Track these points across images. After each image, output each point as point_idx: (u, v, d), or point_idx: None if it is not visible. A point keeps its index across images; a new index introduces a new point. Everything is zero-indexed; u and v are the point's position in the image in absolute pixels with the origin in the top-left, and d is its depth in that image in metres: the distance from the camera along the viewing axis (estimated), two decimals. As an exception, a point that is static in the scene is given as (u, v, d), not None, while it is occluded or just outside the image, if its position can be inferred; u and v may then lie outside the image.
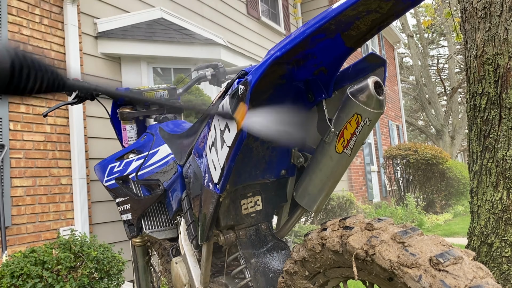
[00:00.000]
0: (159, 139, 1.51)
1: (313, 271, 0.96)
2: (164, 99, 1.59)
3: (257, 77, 0.82)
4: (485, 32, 2.40)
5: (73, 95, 1.73)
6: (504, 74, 2.33)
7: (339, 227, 0.88)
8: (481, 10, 2.42)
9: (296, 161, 1.11)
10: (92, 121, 3.87)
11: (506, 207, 2.31)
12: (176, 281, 1.36)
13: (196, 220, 1.16)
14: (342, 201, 6.30)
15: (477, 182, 2.48)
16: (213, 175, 0.99)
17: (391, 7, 0.80)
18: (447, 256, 0.69)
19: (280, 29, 7.66)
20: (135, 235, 1.60)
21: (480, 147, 2.46)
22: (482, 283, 0.65)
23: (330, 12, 0.78)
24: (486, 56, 2.40)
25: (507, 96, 2.32)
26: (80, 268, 2.44)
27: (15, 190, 3.19)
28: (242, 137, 0.85)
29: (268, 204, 1.18)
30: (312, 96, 1.01)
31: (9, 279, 2.19)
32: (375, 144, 10.43)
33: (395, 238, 0.76)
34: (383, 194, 10.42)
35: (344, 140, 0.94)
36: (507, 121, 2.32)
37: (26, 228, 3.23)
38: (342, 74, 1.02)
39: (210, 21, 5.74)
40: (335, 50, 0.93)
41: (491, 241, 2.35)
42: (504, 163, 2.33)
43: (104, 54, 4.11)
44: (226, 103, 0.92)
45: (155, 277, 1.97)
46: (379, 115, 0.90)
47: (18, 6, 3.41)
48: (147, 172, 1.45)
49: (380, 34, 11.70)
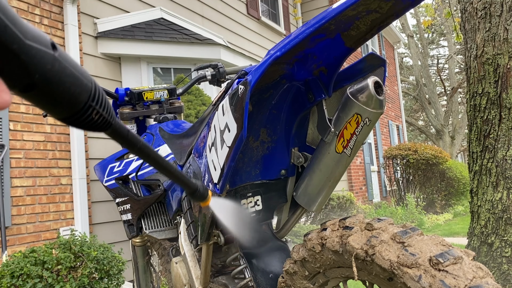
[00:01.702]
0: (159, 139, 1.51)
1: (313, 271, 0.96)
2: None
3: (257, 77, 0.82)
4: (485, 32, 2.40)
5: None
6: (504, 74, 2.33)
7: (339, 227, 0.88)
8: (481, 10, 2.42)
9: (296, 161, 1.11)
10: (92, 121, 3.86)
11: (506, 207, 2.31)
12: (176, 281, 1.36)
13: (196, 220, 1.16)
14: (342, 201, 6.30)
15: (477, 182, 2.48)
16: (213, 175, 0.99)
17: (391, 7, 0.80)
18: (447, 256, 0.69)
19: (280, 29, 7.66)
20: (135, 235, 1.60)
21: (480, 147, 2.46)
22: (482, 283, 0.65)
23: (330, 12, 0.78)
24: (486, 56, 2.40)
25: (507, 96, 2.32)
26: (80, 268, 2.44)
27: (15, 190, 3.19)
28: (242, 137, 0.85)
29: (268, 204, 1.18)
30: (312, 96, 1.01)
31: (9, 279, 2.19)
32: (375, 144, 10.43)
33: (395, 238, 0.76)
34: (383, 194, 10.42)
35: (344, 140, 0.94)
36: (507, 121, 2.32)
37: (26, 228, 3.23)
38: (342, 74, 1.02)
39: (210, 21, 5.74)
40: (335, 50, 0.93)
41: (491, 241, 2.35)
42: (504, 163, 2.33)
43: (104, 54, 4.11)
44: (226, 103, 0.92)
45: (155, 277, 1.97)
46: (379, 115, 0.90)
47: (18, 6, 3.41)
48: (147, 172, 1.46)
49: (380, 34, 11.70)
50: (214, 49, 4.63)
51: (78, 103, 0.43)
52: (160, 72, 4.63)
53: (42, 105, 0.41)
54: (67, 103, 0.42)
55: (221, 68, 1.83)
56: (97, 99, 0.46)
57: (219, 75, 1.83)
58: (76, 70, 0.43)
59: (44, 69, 0.38)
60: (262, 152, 1.10)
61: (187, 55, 4.44)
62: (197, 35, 4.70)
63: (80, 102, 0.43)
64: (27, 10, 3.48)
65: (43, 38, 0.38)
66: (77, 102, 0.43)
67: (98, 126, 0.48)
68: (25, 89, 0.38)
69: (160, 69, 4.61)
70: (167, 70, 4.63)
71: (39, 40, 0.37)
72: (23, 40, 0.35)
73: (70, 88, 0.42)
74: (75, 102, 0.43)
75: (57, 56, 0.40)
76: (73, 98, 0.42)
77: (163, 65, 4.57)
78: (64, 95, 0.41)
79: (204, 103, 4.01)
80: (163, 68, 4.61)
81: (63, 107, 0.42)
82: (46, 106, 0.42)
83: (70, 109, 0.43)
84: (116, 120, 0.51)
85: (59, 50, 0.40)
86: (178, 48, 4.38)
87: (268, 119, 1.06)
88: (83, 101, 0.44)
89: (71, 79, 0.42)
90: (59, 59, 0.40)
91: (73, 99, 0.43)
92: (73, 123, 0.45)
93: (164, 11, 4.74)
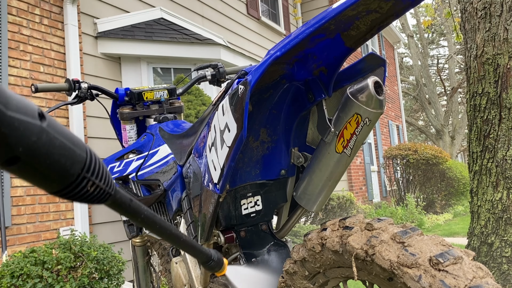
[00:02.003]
0: (159, 139, 1.51)
1: (313, 271, 0.96)
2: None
3: (256, 77, 0.82)
4: (485, 32, 2.40)
5: (73, 95, 1.73)
6: (504, 74, 2.33)
7: (339, 227, 0.88)
8: (481, 10, 2.42)
9: (296, 161, 1.11)
10: (92, 121, 3.87)
11: (506, 207, 2.31)
12: (176, 281, 1.36)
13: (196, 220, 1.16)
14: (342, 201, 6.30)
15: (477, 182, 2.48)
16: (213, 175, 0.99)
17: (391, 7, 0.80)
18: (447, 256, 0.69)
19: (280, 29, 7.66)
20: (135, 235, 1.60)
21: (480, 147, 2.46)
22: (482, 283, 0.65)
23: (330, 12, 0.78)
24: (486, 56, 2.40)
25: (507, 96, 2.32)
26: (80, 268, 2.44)
27: (15, 190, 3.19)
28: (242, 137, 0.85)
29: (268, 204, 1.18)
30: (312, 96, 1.01)
31: (9, 279, 2.19)
32: (375, 144, 10.43)
33: (395, 238, 0.76)
34: (383, 194, 10.43)
35: (344, 140, 0.94)
36: (507, 121, 2.32)
37: (26, 228, 3.23)
38: (342, 74, 1.02)
39: (210, 21, 5.74)
40: (335, 50, 0.93)
41: (491, 241, 2.35)
42: (504, 163, 2.33)
43: (104, 54, 4.11)
44: (226, 103, 0.92)
45: (155, 277, 1.97)
46: (379, 115, 0.90)
47: (18, 6, 3.41)
48: (147, 172, 1.45)
49: (380, 34, 11.70)
50: (214, 49, 4.63)
51: (70, 175, 0.40)
52: (160, 72, 4.63)
53: (30, 178, 0.38)
54: (57, 177, 0.39)
55: (221, 68, 1.83)
56: (93, 169, 0.43)
57: (219, 75, 1.83)
58: (67, 140, 0.40)
59: (28, 142, 0.35)
60: (262, 152, 1.10)
61: (187, 55, 4.44)
62: (197, 35, 4.70)
63: (72, 174, 0.40)
64: (27, 10, 3.48)
65: (30, 108, 0.36)
66: (69, 174, 0.40)
67: (95, 198, 0.45)
68: (7, 162, 0.35)
69: (160, 69, 4.61)
70: (167, 70, 4.63)
71: (23, 110, 0.35)
72: (4, 111, 0.33)
73: (60, 160, 0.39)
74: (66, 175, 0.40)
75: (45, 127, 0.37)
76: (63, 171, 0.39)
77: (163, 65, 4.57)
78: (53, 168, 0.38)
79: (204, 103, 4.01)
80: (163, 68, 4.61)
81: (53, 180, 0.39)
82: (34, 180, 0.39)
83: (61, 182, 0.40)
84: (116, 190, 0.48)
85: (48, 120, 0.38)
86: (178, 48, 4.38)
87: (268, 119, 1.06)
88: (76, 173, 0.41)
89: (61, 150, 0.39)
90: (47, 129, 0.37)
91: (64, 172, 0.39)
92: (67, 196, 0.42)
93: (164, 11, 4.74)
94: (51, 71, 3.62)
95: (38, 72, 3.50)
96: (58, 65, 3.68)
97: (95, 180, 0.43)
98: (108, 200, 0.47)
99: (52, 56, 3.64)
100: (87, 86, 1.71)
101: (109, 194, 0.47)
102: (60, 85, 1.69)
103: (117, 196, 0.48)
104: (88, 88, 1.72)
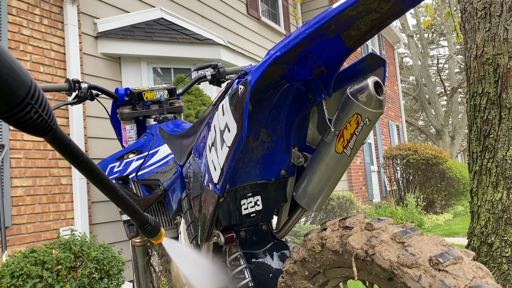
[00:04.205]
0: (159, 139, 1.51)
1: (313, 271, 0.96)
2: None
3: (256, 77, 0.82)
4: (485, 32, 2.40)
5: (73, 95, 1.73)
6: (504, 74, 2.33)
7: (339, 227, 0.88)
8: (481, 10, 2.42)
9: (296, 161, 1.11)
10: (92, 121, 3.87)
11: (506, 207, 2.31)
12: (176, 281, 1.36)
13: (196, 220, 1.16)
14: (342, 201, 6.30)
15: (477, 182, 2.48)
16: (213, 175, 0.99)
17: (391, 7, 0.80)
18: (447, 256, 0.69)
19: (280, 29, 7.66)
20: (135, 235, 1.59)
21: (480, 147, 2.46)
22: (482, 283, 0.65)
23: (330, 12, 0.78)
24: (486, 56, 2.40)
25: (507, 96, 2.31)
26: (80, 268, 2.44)
27: (15, 190, 3.19)
28: (242, 137, 0.85)
29: (268, 204, 1.18)
30: (312, 96, 1.01)
31: (9, 279, 2.19)
32: (375, 144, 10.43)
33: (395, 238, 0.76)
34: (383, 194, 10.42)
35: (344, 140, 0.94)
36: (507, 121, 2.32)
37: (26, 228, 3.23)
38: (342, 74, 1.02)
39: (210, 21, 5.74)
40: (335, 50, 0.93)
41: (491, 241, 2.35)
42: (504, 163, 2.33)
43: (104, 54, 4.11)
44: (226, 103, 0.92)
45: (155, 277, 1.97)
46: (379, 115, 0.90)
47: (18, 6, 3.41)
48: (147, 172, 1.45)
49: (380, 34, 11.70)
50: (214, 49, 4.63)
51: (16, 97, 0.43)
52: (160, 72, 4.63)
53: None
54: (4, 95, 0.42)
55: (221, 68, 1.83)
56: (37, 98, 0.45)
57: (219, 75, 1.83)
58: (15, 65, 0.42)
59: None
60: (262, 152, 1.10)
61: (187, 55, 4.44)
62: (197, 35, 4.70)
63: (18, 96, 0.43)
64: (27, 10, 3.48)
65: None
66: (15, 95, 0.42)
67: (37, 128, 0.47)
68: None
69: (160, 69, 4.61)
70: (167, 70, 4.63)
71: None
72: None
73: (8, 80, 0.41)
74: (13, 96, 0.42)
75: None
76: (10, 91, 0.42)
77: (163, 65, 4.57)
78: (1, 87, 0.41)
79: (204, 103, 4.01)
80: (163, 68, 4.61)
81: (1, 99, 0.42)
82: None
83: (7, 102, 0.42)
84: (58, 128, 0.49)
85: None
86: (178, 48, 4.38)
87: (268, 119, 1.06)
88: (21, 95, 0.43)
89: (9, 71, 0.41)
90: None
91: (11, 92, 0.42)
92: (11, 120, 0.44)
93: (164, 11, 4.74)
94: (51, 71, 3.62)
95: (38, 72, 3.50)
96: (58, 65, 3.69)
97: (39, 108, 0.45)
98: (49, 134, 0.49)
99: (52, 56, 3.64)
100: (87, 86, 1.71)
101: (50, 127, 0.48)
102: (60, 85, 1.69)
103: (57, 132, 0.50)
104: (88, 88, 1.72)
